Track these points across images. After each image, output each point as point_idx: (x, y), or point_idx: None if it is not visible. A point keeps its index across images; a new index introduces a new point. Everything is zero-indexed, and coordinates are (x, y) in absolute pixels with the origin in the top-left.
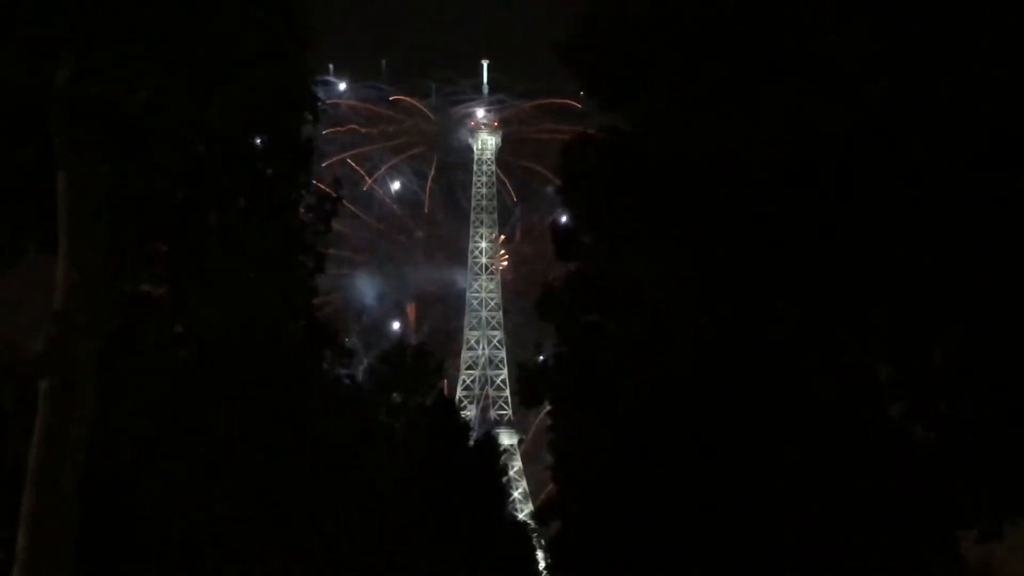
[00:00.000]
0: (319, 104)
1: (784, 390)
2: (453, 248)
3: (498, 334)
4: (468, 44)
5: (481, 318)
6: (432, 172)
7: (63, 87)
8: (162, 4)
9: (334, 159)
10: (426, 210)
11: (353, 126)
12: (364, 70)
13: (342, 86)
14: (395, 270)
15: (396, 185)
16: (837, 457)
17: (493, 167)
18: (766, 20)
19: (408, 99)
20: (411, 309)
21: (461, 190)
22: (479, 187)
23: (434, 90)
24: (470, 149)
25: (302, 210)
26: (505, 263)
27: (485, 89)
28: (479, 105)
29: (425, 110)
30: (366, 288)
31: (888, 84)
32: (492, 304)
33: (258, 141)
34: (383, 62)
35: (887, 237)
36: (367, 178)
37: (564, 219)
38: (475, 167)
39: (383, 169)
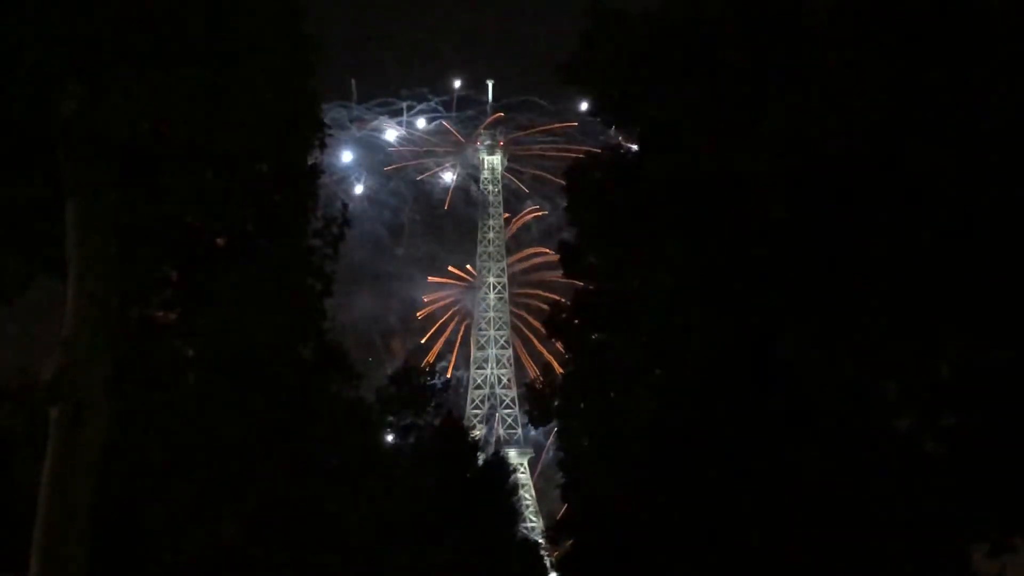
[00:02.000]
0: (327, 130)
1: (792, 406)
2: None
3: (507, 353)
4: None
5: (489, 337)
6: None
7: (69, 116)
8: (167, 31)
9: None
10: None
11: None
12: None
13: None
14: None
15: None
16: (846, 472)
17: (500, 187)
18: (766, 38)
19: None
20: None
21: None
22: (485, 206)
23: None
24: (476, 168)
25: (310, 234)
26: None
27: (490, 109)
28: (485, 125)
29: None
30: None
31: (886, 99)
32: (501, 323)
33: (265, 166)
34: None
35: (891, 252)
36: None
37: (571, 237)
38: (481, 187)
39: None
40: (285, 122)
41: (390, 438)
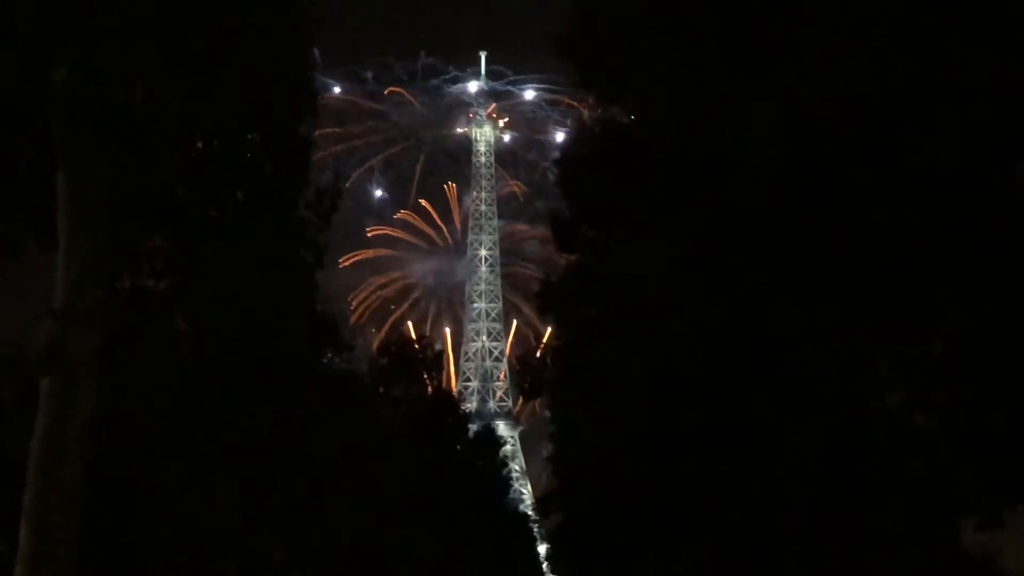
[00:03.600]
0: (318, 99)
1: (783, 381)
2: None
3: (498, 326)
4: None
5: (481, 310)
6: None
7: (60, 84)
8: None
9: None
10: (411, 202)
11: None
12: (346, 58)
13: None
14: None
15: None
16: (837, 446)
17: (492, 159)
18: (760, 11)
19: (399, 90)
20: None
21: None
22: (478, 178)
23: (421, 73)
24: (467, 140)
25: (301, 205)
26: None
27: (483, 81)
28: (477, 96)
29: (415, 102)
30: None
31: (882, 73)
32: (491, 296)
33: (257, 136)
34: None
35: (884, 227)
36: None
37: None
38: (473, 159)
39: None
40: (277, 91)
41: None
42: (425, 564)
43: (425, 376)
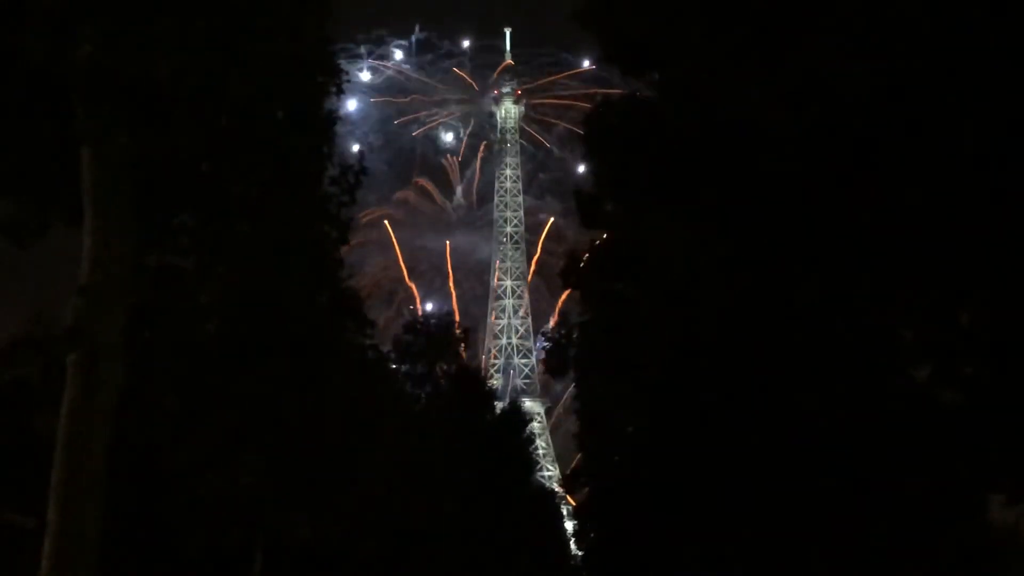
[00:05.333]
0: (344, 76)
1: (809, 354)
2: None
3: (524, 303)
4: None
5: (507, 287)
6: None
7: (84, 60)
8: None
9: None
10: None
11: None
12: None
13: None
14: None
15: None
16: (864, 421)
17: (517, 136)
18: None
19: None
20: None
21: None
22: (503, 156)
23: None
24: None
25: (326, 181)
26: None
27: (508, 57)
28: (502, 73)
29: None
30: None
31: (911, 45)
32: (518, 273)
33: (281, 112)
34: (416, 27)
35: (912, 199)
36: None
37: (589, 186)
38: (499, 136)
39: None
40: (301, 68)
41: (406, 387)
42: (450, 540)
43: (451, 353)
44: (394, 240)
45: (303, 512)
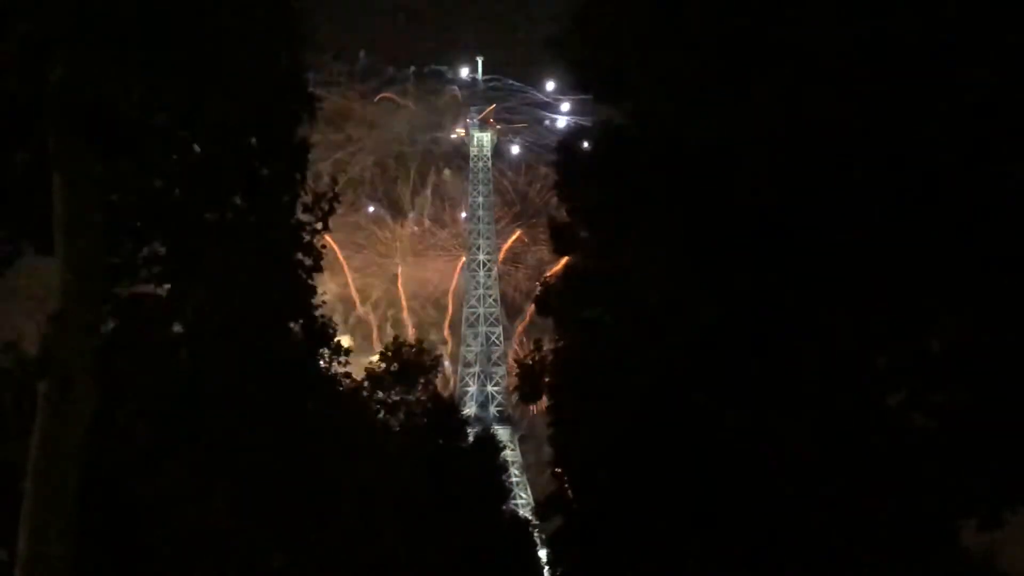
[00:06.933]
0: (318, 103)
1: (781, 380)
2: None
3: (497, 330)
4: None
5: (479, 314)
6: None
7: (56, 87)
8: (156, 2)
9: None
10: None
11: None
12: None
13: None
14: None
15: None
16: (835, 447)
17: (489, 164)
18: (758, 8)
19: (391, 97)
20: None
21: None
22: (476, 183)
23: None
24: (465, 146)
25: (299, 209)
26: None
27: (480, 86)
28: (474, 102)
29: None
30: None
31: (882, 71)
32: (490, 300)
33: (254, 139)
34: (361, 53)
35: (883, 226)
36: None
37: (561, 214)
38: (471, 164)
39: None
40: (274, 95)
41: (380, 415)
42: (424, 569)
43: (423, 381)
44: (345, 266)
45: (277, 541)
